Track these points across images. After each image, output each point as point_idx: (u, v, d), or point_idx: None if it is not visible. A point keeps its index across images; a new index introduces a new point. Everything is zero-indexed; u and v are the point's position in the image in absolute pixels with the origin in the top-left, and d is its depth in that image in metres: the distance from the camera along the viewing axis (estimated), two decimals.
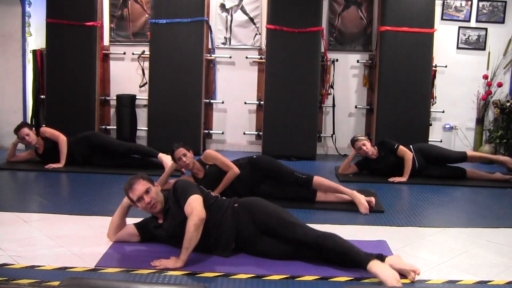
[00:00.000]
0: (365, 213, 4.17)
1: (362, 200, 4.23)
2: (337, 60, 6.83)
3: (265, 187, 4.43)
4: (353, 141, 5.49)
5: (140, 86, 6.90)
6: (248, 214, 3.20)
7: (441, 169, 5.51)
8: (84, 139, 5.65)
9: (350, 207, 4.29)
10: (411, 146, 5.51)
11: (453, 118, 6.93)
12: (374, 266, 2.87)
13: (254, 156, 4.68)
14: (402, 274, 2.90)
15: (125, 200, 3.33)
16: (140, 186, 3.16)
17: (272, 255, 3.14)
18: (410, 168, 5.32)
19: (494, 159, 5.70)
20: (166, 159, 5.28)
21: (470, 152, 5.64)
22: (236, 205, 3.27)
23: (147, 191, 3.16)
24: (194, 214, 2.99)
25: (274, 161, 4.57)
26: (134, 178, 3.20)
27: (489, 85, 6.76)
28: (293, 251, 3.11)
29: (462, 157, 5.52)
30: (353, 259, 2.96)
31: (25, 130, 5.47)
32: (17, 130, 5.50)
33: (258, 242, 3.16)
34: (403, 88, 6.50)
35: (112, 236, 3.37)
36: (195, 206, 3.03)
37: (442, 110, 6.82)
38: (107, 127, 6.95)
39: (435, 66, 6.74)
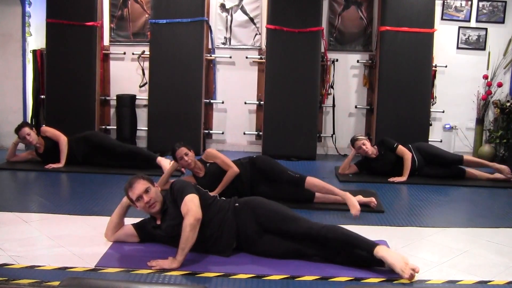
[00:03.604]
0: (355, 215, 3.94)
1: (354, 202, 4.00)
2: (337, 60, 6.83)
3: (264, 188, 4.39)
4: (353, 141, 5.50)
5: (140, 86, 6.90)
6: (250, 212, 3.20)
7: (440, 167, 5.51)
8: (83, 138, 5.66)
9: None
10: (410, 145, 5.52)
11: (453, 118, 6.93)
12: (381, 250, 2.92)
13: (254, 156, 4.67)
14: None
15: (125, 200, 3.33)
16: (140, 185, 3.16)
17: (273, 254, 3.14)
18: (409, 168, 5.32)
19: (490, 166, 5.48)
20: (164, 163, 5.27)
21: (467, 157, 5.57)
22: (237, 204, 3.27)
23: (146, 191, 3.16)
24: (190, 214, 2.98)
25: (272, 161, 4.53)
26: (134, 178, 3.21)
27: (489, 85, 6.76)
28: (294, 250, 3.11)
29: (458, 159, 5.48)
30: (359, 245, 2.98)
31: (26, 129, 5.47)
32: (18, 130, 5.50)
33: (260, 241, 3.15)
34: (403, 88, 6.50)
35: (110, 236, 3.37)
36: (191, 206, 3.01)
37: (442, 110, 6.82)
38: (107, 127, 6.94)
39: (435, 66, 6.74)
